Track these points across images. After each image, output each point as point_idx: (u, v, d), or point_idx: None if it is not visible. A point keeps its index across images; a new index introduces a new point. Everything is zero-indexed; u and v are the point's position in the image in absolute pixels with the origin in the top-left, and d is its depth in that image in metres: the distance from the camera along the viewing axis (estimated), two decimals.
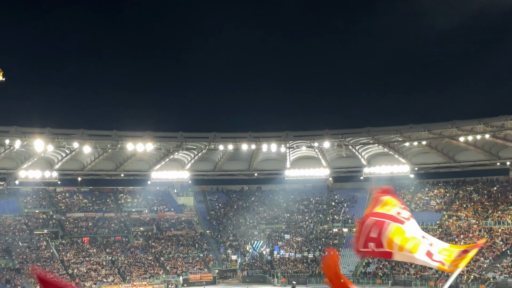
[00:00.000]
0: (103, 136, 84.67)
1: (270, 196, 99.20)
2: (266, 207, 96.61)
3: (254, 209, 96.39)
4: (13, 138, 78.08)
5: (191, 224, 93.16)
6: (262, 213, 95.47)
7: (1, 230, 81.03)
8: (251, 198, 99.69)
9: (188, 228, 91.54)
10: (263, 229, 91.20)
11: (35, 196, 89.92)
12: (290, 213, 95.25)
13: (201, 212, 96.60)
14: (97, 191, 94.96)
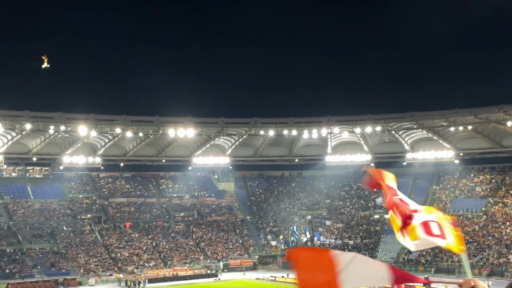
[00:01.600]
0: (145, 122, 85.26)
1: (310, 182, 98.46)
2: (306, 193, 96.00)
3: (294, 195, 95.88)
4: (58, 124, 79.27)
5: (231, 210, 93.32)
6: (303, 199, 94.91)
7: (46, 215, 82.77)
8: (292, 184, 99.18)
9: (228, 214, 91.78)
10: (303, 215, 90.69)
11: (79, 181, 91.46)
12: (331, 199, 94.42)
13: (241, 198, 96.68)
14: (139, 177, 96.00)
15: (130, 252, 79.61)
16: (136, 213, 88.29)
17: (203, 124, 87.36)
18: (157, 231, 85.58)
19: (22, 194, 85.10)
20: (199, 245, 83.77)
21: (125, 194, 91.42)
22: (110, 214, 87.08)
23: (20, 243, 76.41)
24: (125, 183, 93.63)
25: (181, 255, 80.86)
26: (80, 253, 76.75)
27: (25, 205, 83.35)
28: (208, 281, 73.82)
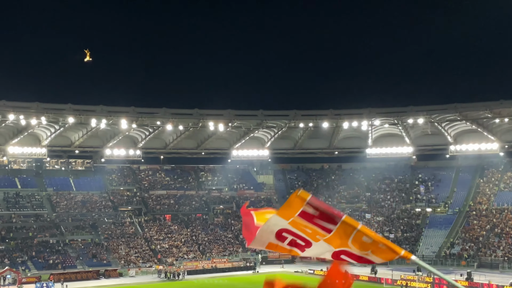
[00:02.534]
0: (185, 115, 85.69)
1: (350, 174, 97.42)
2: (346, 185, 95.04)
3: (334, 188, 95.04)
4: (100, 117, 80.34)
5: (270, 203, 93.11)
6: (342, 191, 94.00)
7: (88, 207, 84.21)
8: (331, 177, 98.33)
9: (267, 206, 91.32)
10: (343, 208, 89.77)
11: (120, 173, 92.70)
12: (371, 192, 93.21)
13: (280, 191, 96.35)
14: (179, 169, 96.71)
15: (169, 244, 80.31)
16: (175, 205, 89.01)
17: (243, 116, 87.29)
18: (196, 223, 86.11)
19: (64, 186, 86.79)
20: (238, 237, 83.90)
21: (165, 186, 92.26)
22: (150, 206, 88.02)
23: (62, 234, 77.98)
24: (165, 176, 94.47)
25: (220, 247, 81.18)
26: (120, 245, 77.81)
27: (68, 197, 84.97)
28: (247, 274, 73.87)
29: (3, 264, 67.89)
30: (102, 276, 70.94)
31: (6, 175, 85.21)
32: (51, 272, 68.64)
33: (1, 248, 71.40)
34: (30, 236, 75.16)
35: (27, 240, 74.27)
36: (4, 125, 76.65)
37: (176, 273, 71.57)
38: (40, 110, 76.82)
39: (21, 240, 73.84)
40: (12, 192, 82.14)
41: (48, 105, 78.57)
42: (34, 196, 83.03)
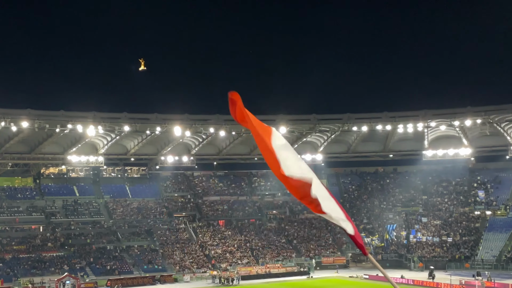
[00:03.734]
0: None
1: (406, 177, 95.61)
2: (402, 189, 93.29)
3: (389, 191, 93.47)
4: (154, 125, 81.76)
5: None
6: (398, 195, 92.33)
7: (143, 213, 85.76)
8: (386, 180, 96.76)
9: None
10: (398, 212, 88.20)
11: (174, 180, 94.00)
12: (428, 195, 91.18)
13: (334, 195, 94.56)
14: (232, 175, 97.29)
15: (223, 250, 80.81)
16: (229, 211, 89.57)
17: (295, 121, 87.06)
18: (249, 228, 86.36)
19: (121, 193, 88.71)
20: (292, 242, 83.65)
21: (218, 192, 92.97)
22: (204, 212, 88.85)
23: (119, 240, 79.66)
24: (218, 182, 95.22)
25: (273, 253, 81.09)
26: (175, 250, 78.82)
27: (124, 204, 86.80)
28: (301, 279, 73.52)
29: (62, 270, 69.90)
30: (158, 281, 71.99)
31: (65, 183, 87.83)
32: (109, 277, 70.21)
33: (60, 254, 73.57)
34: (88, 243, 77.15)
35: (85, 246, 76.26)
36: (63, 135, 78.88)
37: (230, 278, 71.87)
38: (97, 119, 78.80)
39: (79, 246, 75.89)
40: (71, 199, 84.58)
41: (104, 114, 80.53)
42: (91, 203, 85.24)
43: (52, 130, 76.23)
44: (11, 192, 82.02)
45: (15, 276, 67.11)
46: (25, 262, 70.26)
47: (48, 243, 75.27)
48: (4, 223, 76.71)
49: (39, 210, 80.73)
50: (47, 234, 77.22)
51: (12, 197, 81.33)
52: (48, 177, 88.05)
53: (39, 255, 72.12)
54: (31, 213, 79.77)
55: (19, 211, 79.34)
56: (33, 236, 76.15)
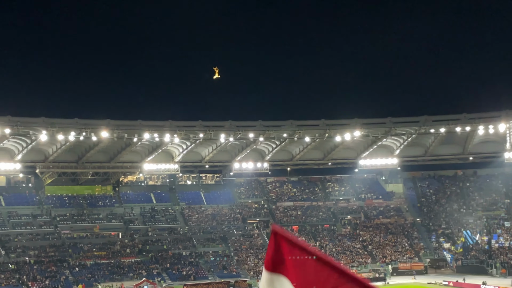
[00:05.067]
0: (311, 126, 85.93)
1: (487, 181, 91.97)
2: (482, 192, 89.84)
3: (469, 195, 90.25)
4: (228, 132, 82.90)
5: (400, 212, 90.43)
6: (478, 199, 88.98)
7: (218, 219, 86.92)
8: (466, 184, 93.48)
9: (397, 216, 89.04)
10: (479, 216, 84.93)
11: (248, 186, 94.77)
12: (511, 199, 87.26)
13: (410, 199, 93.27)
14: (305, 180, 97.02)
15: None
16: (302, 216, 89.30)
17: (370, 125, 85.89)
18: (323, 234, 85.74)
19: (196, 200, 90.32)
20: (367, 248, 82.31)
21: (292, 198, 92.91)
22: (278, 218, 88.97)
23: (194, 246, 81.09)
24: (292, 187, 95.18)
25: (348, 258, 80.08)
26: (249, 256, 79.35)
27: (199, 211, 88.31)
28: (377, 285, 72.17)
29: (140, 275, 71.94)
30: (232, 287, 72.72)
31: (142, 191, 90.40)
32: (184, 283, 71.62)
33: (138, 260, 75.72)
34: (164, 249, 79.00)
35: (162, 252, 78.11)
36: (141, 144, 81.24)
37: None
38: (173, 127, 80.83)
39: (156, 252, 77.82)
40: (148, 207, 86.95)
41: (180, 123, 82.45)
42: (168, 210, 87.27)
43: (130, 140, 78.68)
44: (91, 200, 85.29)
45: (95, 281, 69.70)
46: (105, 268, 72.80)
47: (126, 249, 77.69)
48: (85, 230, 79.89)
49: (118, 217, 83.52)
50: (126, 240, 79.72)
51: (93, 205, 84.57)
52: (126, 185, 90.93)
53: (118, 261, 74.55)
54: (111, 220, 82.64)
55: (99, 218, 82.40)
56: (113, 242, 78.80)
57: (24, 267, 70.72)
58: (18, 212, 79.66)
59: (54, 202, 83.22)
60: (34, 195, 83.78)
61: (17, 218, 78.68)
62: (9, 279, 67.43)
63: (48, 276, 69.52)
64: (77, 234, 78.87)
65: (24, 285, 67.30)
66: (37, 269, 70.53)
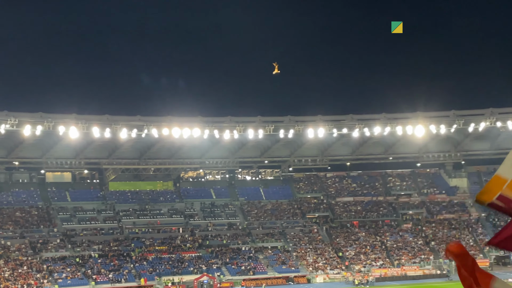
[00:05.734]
0: (371, 120, 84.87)
1: None
2: None
3: None
4: (288, 127, 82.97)
5: (464, 207, 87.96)
6: None
7: (277, 215, 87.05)
8: None
9: (461, 211, 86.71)
10: None
11: (307, 181, 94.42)
12: None
13: (475, 194, 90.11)
14: (366, 175, 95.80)
15: (357, 251, 79.74)
16: (363, 211, 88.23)
17: (433, 118, 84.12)
18: (384, 229, 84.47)
19: (255, 195, 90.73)
20: (429, 244, 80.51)
21: (352, 193, 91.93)
22: (337, 213, 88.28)
23: (253, 241, 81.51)
24: (351, 182, 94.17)
25: (409, 254, 78.62)
26: (308, 252, 79.07)
27: (258, 206, 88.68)
28: (439, 282, 70.62)
29: (200, 269, 72.95)
30: (291, 282, 72.80)
31: (202, 186, 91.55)
32: (243, 277, 72.18)
33: (198, 255, 76.78)
34: (224, 244, 79.77)
35: (222, 247, 78.90)
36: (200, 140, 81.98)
37: (364, 280, 70.95)
38: (232, 123, 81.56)
39: (216, 247, 78.69)
40: (208, 202, 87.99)
41: (239, 119, 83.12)
42: (227, 205, 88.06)
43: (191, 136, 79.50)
44: (153, 195, 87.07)
45: (157, 275, 71.14)
46: (166, 262, 74.20)
47: (187, 244, 78.92)
48: (147, 225, 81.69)
49: (179, 212, 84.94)
50: (186, 235, 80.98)
51: (155, 200, 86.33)
52: (187, 180, 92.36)
53: (178, 255, 75.85)
54: (172, 215, 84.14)
55: (161, 214, 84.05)
56: (174, 237, 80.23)
57: (89, 260, 73.01)
58: (83, 207, 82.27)
59: (118, 197, 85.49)
60: (98, 190, 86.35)
61: (82, 213, 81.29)
62: (74, 273, 69.79)
63: (112, 269, 71.50)
64: (139, 229, 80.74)
65: (89, 278, 69.50)
66: (101, 263, 72.67)
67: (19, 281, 65.80)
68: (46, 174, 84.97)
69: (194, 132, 78.44)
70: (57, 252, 73.35)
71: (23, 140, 76.52)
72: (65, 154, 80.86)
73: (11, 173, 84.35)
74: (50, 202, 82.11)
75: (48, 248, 73.56)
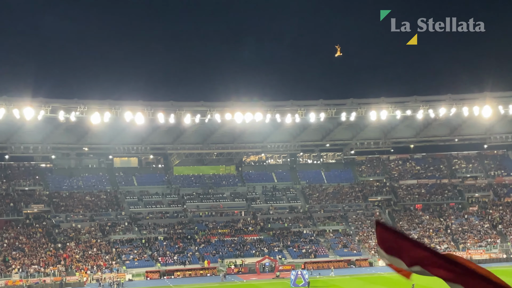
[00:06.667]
0: (436, 101, 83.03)
1: None
2: None
3: None
4: (350, 109, 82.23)
5: None
6: None
7: (338, 198, 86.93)
8: None
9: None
10: None
11: (369, 164, 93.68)
12: None
13: None
14: (430, 158, 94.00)
15: (420, 234, 78.69)
16: (427, 194, 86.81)
17: (502, 98, 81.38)
18: (449, 212, 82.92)
19: (316, 179, 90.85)
20: (496, 227, 78.45)
21: (416, 175, 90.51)
22: (400, 196, 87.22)
23: (315, 225, 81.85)
24: (415, 165, 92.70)
25: (475, 238, 76.93)
26: (370, 235, 78.66)
27: (319, 189, 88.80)
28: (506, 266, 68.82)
29: (262, 252, 74.05)
30: (353, 265, 72.81)
31: (264, 170, 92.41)
32: (305, 260, 72.76)
33: (260, 238, 77.89)
34: (285, 227, 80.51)
35: (283, 230, 79.67)
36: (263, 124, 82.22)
37: None
38: (294, 107, 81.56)
39: (277, 230, 79.54)
40: (269, 186, 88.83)
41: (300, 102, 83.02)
42: (288, 189, 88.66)
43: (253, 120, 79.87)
44: (216, 179, 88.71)
45: (220, 258, 72.76)
46: (229, 245, 75.70)
47: (249, 227, 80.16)
48: (210, 209, 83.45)
49: (241, 196, 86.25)
50: (248, 218, 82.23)
51: (218, 184, 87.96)
52: (249, 164, 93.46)
53: (241, 238, 77.20)
54: (234, 199, 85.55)
55: (223, 197, 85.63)
56: (236, 220, 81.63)
57: (155, 243, 75.44)
58: (149, 191, 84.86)
59: (182, 181, 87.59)
60: (163, 175, 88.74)
61: (148, 197, 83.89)
62: (141, 255, 72.36)
63: (177, 252, 73.66)
64: (202, 212, 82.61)
65: (155, 260, 71.87)
66: (167, 245, 74.96)
67: (89, 262, 68.90)
68: (114, 160, 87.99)
69: (256, 116, 78.92)
70: (124, 234, 76.19)
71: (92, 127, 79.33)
72: (131, 140, 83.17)
73: (81, 159, 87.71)
74: (117, 187, 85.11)
75: (116, 231, 76.50)
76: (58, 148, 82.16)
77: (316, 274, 66.02)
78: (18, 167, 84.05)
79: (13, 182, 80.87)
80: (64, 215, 77.63)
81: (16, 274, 64.41)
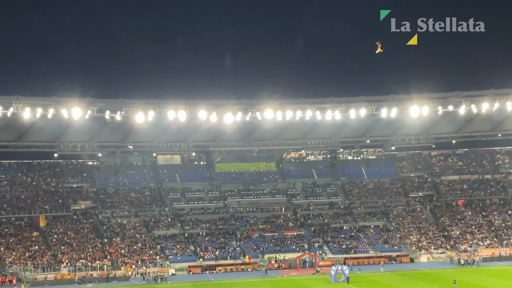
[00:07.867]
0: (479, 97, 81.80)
1: None
2: None
3: None
4: (391, 105, 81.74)
5: None
6: None
7: (379, 194, 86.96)
8: None
9: None
10: None
11: (410, 160, 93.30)
12: None
13: None
14: (472, 153, 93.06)
15: (462, 230, 78.17)
16: (469, 190, 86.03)
17: None
18: (492, 208, 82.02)
19: (356, 175, 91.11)
20: None
21: (458, 171, 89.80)
22: (442, 192, 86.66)
23: (355, 220, 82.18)
24: (457, 160, 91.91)
25: None
26: (411, 231, 78.56)
27: (360, 185, 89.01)
28: None
29: (302, 248, 74.86)
30: (394, 261, 72.86)
31: (304, 167, 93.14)
32: (345, 256, 73.18)
33: (300, 233, 78.72)
34: (325, 223, 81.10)
35: (323, 226, 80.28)
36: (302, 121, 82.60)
37: (470, 260, 69.57)
38: (334, 103, 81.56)
39: (317, 226, 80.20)
40: (309, 182, 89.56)
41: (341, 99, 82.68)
42: (328, 185, 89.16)
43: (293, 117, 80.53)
44: (257, 176, 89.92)
45: (260, 253, 73.89)
46: (269, 240, 76.77)
47: (289, 223, 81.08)
48: (251, 205, 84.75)
49: (281, 192, 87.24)
50: (288, 214, 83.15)
51: (258, 181, 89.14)
52: (289, 161, 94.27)
53: (281, 234, 78.19)
54: (274, 195, 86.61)
55: (264, 193, 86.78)
56: (276, 216, 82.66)
57: (197, 238, 77.12)
58: (192, 188, 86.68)
59: (223, 178, 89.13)
60: (205, 172, 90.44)
61: (190, 194, 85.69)
62: (184, 250, 74.13)
63: (218, 247, 75.12)
64: (243, 208, 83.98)
65: (197, 255, 73.50)
66: (208, 241, 76.54)
67: (134, 257, 71.00)
68: (158, 157, 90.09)
69: (297, 113, 79.44)
70: (167, 230, 78.16)
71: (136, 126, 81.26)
72: (174, 138, 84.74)
73: (126, 157, 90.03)
74: (161, 183, 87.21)
75: (159, 227, 78.52)
76: (104, 146, 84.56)
77: (357, 270, 66.35)
78: (66, 165, 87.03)
79: (62, 179, 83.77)
80: (110, 211, 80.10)
81: (65, 268, 66.91)
